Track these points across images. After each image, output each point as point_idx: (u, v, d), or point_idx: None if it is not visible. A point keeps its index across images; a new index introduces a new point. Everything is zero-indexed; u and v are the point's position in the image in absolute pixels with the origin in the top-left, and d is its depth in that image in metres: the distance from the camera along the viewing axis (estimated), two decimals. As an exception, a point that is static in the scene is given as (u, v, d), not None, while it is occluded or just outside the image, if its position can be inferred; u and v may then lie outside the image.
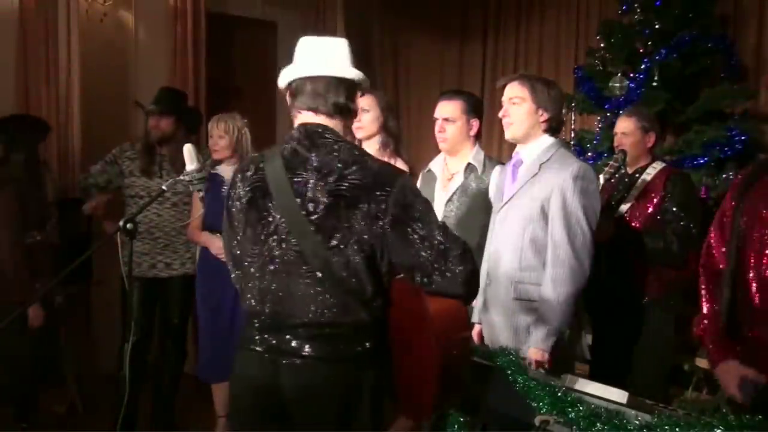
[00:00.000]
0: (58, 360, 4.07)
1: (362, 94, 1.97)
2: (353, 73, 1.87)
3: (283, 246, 1.78)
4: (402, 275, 1.82)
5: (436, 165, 3.10)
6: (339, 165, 1.76)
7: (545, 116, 2.56)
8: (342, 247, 1.73)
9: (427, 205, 1.78)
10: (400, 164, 3.17)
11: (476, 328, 2.75)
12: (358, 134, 3.19)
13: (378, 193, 1.73)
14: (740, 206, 2.14)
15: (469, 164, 2.95)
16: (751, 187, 2.13)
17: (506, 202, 2.62)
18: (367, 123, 3.19)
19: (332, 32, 5.82)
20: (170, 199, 3.68)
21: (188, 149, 3.07)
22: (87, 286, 4.35)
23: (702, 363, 3.78)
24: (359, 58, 1.93)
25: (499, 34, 6.10)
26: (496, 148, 5.96)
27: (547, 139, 2.59)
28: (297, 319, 1.77)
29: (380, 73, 6.56)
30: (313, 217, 1.75)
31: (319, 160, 1.78)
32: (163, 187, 2.56)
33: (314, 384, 1.77)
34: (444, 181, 3.02)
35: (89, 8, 4.67)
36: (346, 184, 1.74)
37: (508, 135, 2.62)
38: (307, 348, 1.77)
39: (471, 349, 2.14)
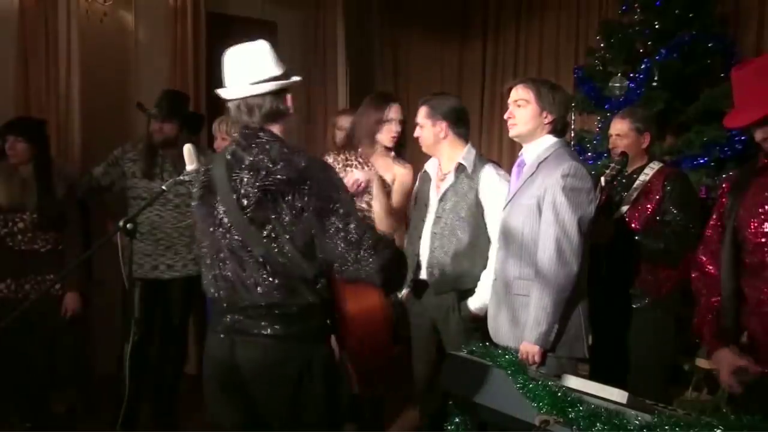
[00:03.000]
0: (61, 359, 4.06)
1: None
2: (273, 86, 2.00)
3: (228, 237, 1.99)
4: None
5: (431, 166, 3.14)
6: (269, 163, 1.94)
7: (549, 118, 2.63)
8: (274, 236, 1.92)
9: (348, 199, 1.98)
10: (397, 165, 3.17)
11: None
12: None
13: (301, 186, 1.90)
14: (735, 206, 2.21)
15: (459, 164, 2.96)
16: (744, 189, 2.21)
17: (509, 201, 2.69)
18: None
19: (332, 32, 5.82)
20: (172, 200, 3.67)
21: (188, 149, 3.03)
22: (87, 286, 4.34)
23: (702, 363, 3.78)
24: (359, 59, 1.97)
25: (499, 34, 6.09)
26: (497, 147, 5.97)
27: (549, 140, 2.64)
28: (247, 302, 1.96)
29: (380, 73, 6.55)
30: (246, 211, 1.94)
31: (252, 159, 1.97)
32: (163, 188, 2.56)
33: (268, 361, 1.95)
34: (437, 181, 3.05)
35: (89, 8, 4.66)
36: (273, 180, 1.91)
37: (512, 133, 2.70)
38: (259, 327, 1.95)
39: (390, 339, 2.27)
